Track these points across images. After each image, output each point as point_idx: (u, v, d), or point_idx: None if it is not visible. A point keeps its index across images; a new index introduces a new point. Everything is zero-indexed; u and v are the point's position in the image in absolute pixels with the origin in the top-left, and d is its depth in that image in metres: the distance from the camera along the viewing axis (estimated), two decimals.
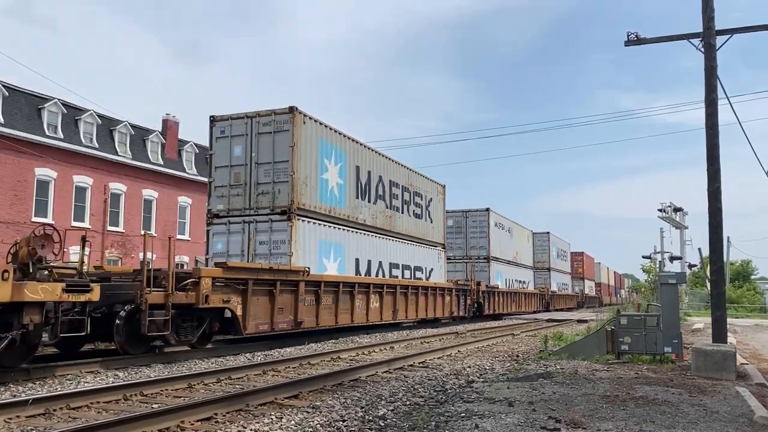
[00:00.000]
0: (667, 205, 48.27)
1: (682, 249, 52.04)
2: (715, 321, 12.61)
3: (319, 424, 6.71)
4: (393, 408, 7.75)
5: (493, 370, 11.70)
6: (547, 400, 8.05)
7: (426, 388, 9.34)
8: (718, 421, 7.01)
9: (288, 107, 17.20)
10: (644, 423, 6.78)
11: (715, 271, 13.26)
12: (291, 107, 17.16)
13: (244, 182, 17.41)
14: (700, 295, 49.29)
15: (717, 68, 12.83)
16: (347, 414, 7.26)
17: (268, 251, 16.84)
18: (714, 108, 12.70)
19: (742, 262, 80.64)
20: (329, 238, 18.72)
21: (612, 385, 9.37)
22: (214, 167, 17.87)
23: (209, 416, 7.04)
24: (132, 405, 7.88)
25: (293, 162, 16.92)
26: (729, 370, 10.51)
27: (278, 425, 6.65)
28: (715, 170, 12.59)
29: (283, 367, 11.53)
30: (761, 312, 52.68)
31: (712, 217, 12.56)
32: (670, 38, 13.90)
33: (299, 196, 17.13)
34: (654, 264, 54.85)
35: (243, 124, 17.57)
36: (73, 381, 9.69)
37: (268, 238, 16.87)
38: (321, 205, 18.34)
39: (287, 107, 17.22)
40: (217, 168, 17.83)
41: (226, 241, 17.26)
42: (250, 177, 17.39)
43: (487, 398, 8.24)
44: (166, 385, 8.97)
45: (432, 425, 6.61)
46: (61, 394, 7.75)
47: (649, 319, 12.51)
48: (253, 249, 16.95)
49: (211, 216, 17.73)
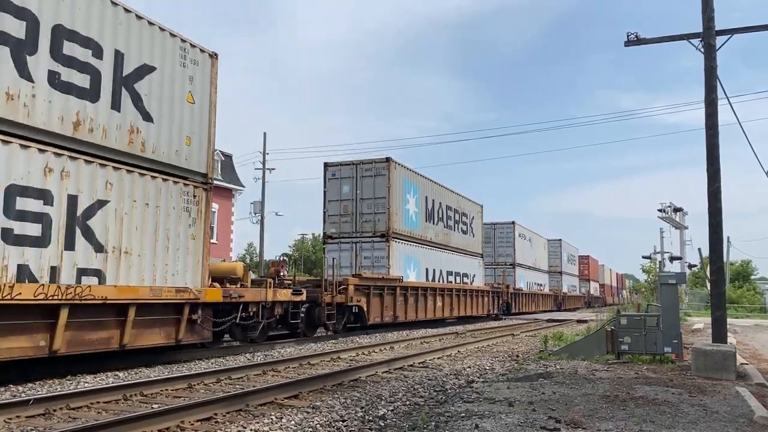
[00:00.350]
0: (666, 205, 48.26)
1: (682, 249, 52.02)
2: (715, 321, 12.61)
3: (319, 424, 6.71)
4: (393, 408, 7.75)
5: (493, 370, 11.70)
6: (547, 400, 8.05)
7: (426, 388, 9.34)
8: (718, 421, 7.01)
9: (385, 158, 22.93)
10: (644, 423, 6.78)
11: (715, 271, 13.26)
12: (387, 158, 22.88)
13: (351, 212, 23.02)
14: (700, 295, 49.27)
15: (717, 68, 12.84)
16: (347, 414, 7.27)
17: (371, 264, 22.44)
18: (714, 108, 12.70)
19: (742, 262, 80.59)
20: (410, 253, 24.26)
21: (612, 385, 9.38)
22: (328, 200, 23.49)
23: (209, 416, 7.04)
24: (132, 405, 7.88)
25: (389, 198, 22.59)
26: (729, 370, 10.51)
27: (278, 425, 6.65)
28: (715, 170, 12.59)
29: (283, 367, 11.54)
30: (761, 312, 52.68)
31: (712, 217, 12.57)
32: (670, 38, 13.90)
33: (393, 223, 22.74)
34: (654, 264, 54.89)
35: (349, 169, 23.27)
36: (72, 381, 9.70)
37: (371, 254, 22.62)
38: (405, 229, 23.95)
39: (384, 158, 22.91)
40: (330, 201, 23.46)
41: (338, 256, 22.19)
42: (356, 209, 23.01)
43: (487, 398, 8.24)
44: (166, 385, 8.97)
45: (432, 425, 6.61)
46: (61, 394, 7.75)
47: (649, 319, 12.50)
48: (360, 263, 22.42)
49: (326, 237, 23.55)
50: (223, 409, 7.31)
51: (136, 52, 11.73)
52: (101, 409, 7.58)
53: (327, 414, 7.26)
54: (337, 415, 7.18)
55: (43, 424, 6.77)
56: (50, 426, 6.67)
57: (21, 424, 6.67)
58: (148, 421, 6.45)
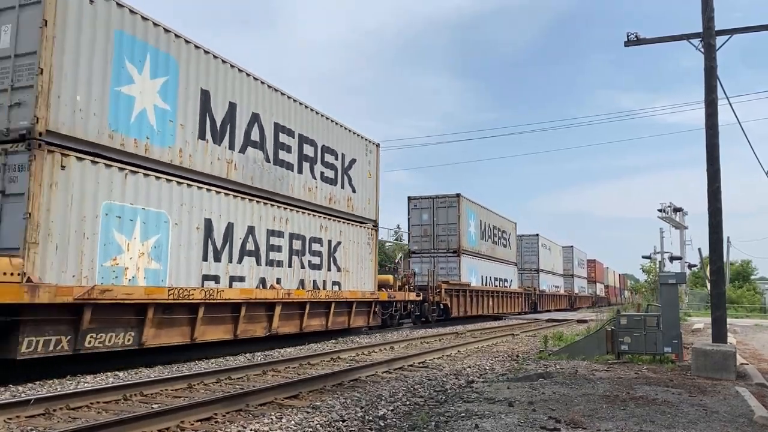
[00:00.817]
0: (666, 205, 48.28)
1: (682, 249, 52.02)
2: (715, 321, 12.61)
3: (319, 424, 6.71)
4: (393, 408, 7.75)
5: (493, 370, 11.70)
6: (546, 400, 8.05)
7: (426, 388, 9.34)
8: (718, 421, 7.01)
9: (455, 194, 30.24)
10: (644, 423, 6.78)
11: (715, 271, 13.25)
12: (457, 194, 30.22)
13: (430, 234, 30.35)
14: (700, 295, 49.27)
15: (717, 68, 12.83)
16: (347, 414, 7.27)
17: (446, 273, 29.30)
18: (714, 108, 12.70)
19: (742, 262, 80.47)
20: (472, 265, 31.34)
21: (612, 385, 9.37)
22: (411, 225, 30.81)
23: (209, 416, 7.04)
24: (132, 405, 7.88)
25: (459, 224, 29.85)
26: (729, 370, 10.51)
27: (278, 425, 6.65)
28: (715, 170, 12.59)
29: (283, 367, 11.53)
30: (761, 312, 52.65)
31: (712, 217, 12.56)
32: (670, 38, 13.90)
33: (462, 242, 29.95)
34: (654, 264, 54.87)
35: (428, 202, 30.51)
36: (72, 381, 9.69)
37: (446, 266, 29.76)
38: (469, 246, 31.06)
39: (455, 194, 30.23)
40: (413, 225, 30.76)
41: (420, 267, 29.02)
42: (434, 231, 30.29)
43: (487, 398, 8.24)
44: (166, 386, 8.97)
45: (432, 425, 6.61)
46: (61, 394, 7.75)
47: (649, 319, 12.50)
48: (437, 272, 28.48)
49: (410, 252, 30.93)
50: (223, 409, 7.31)
51: (349, 152, 19.75)
52: (101, 409, 7.58)
53: (327, 414, 7.26)
54: (337, 415, 7.17)
55: (43, 424, 6.77)
56: (50, 426, 6.66)
57: (21, 424, 6.67)
58: (148, 421, 6.45)
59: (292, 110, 16.63)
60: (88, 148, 10.57)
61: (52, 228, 9.77)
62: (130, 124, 11.42)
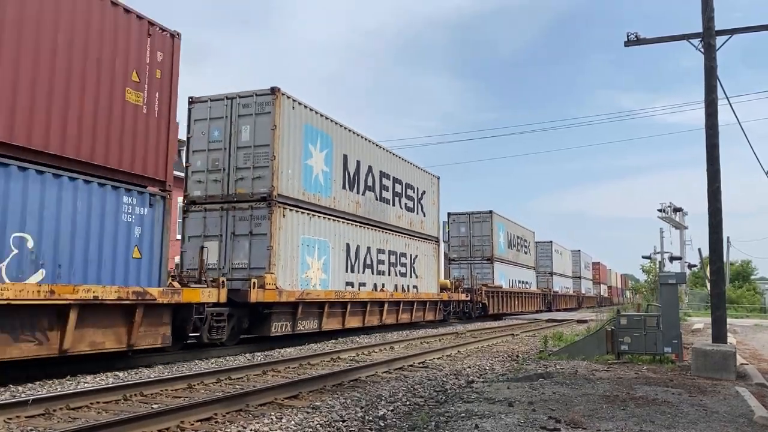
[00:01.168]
0: (666, 205, 48.30)
1: (682, 249, 52.05)
2: (714, 321, 12.61)
3: (319, 424, 6.70)
4: (393, 408, 7.75)
5: (492, 370, 11.70)
6: (546, 400, 8.05)
7: (426, 389, 9.33)
8: (718, 421, 7.01)
9: (488, 211, 35.70)
10: (644, 423, 6.78)
11: (715, 271, 13.25)
12: (490, 211, 35.65)
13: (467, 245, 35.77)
14: (700, 295, 49.27)
15: (717, 68, 12.83)
16: (347, 414, 7.26)
17: (481, 277, 33.50)
18: (714, 108, 12.70)
19: (742, 262, 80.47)
20: (501, 270, 36.25)
21: (612, 385, 9.37)
22: (451, 236, 36.30)
23: (209, 416, 7.03)
24: (132, 405, 7.88)
25: (491, 236, 35.22)
26: (729, 370, 10.51)
27: (278, 425, 6.65)
28: (714, 170, 12.59)
29: (283, 367, 11.53)
30: (761, 312, 52.66)
31: (712, 217, 12.56)
32: (670, 38, 13.90)
33: (495, 251, 35.48)
34: (654, 264, 54.88)
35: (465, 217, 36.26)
36: (72, 381, 9.69)
37: (481, 271, 34.53)
38: (500, 253, 36.35)
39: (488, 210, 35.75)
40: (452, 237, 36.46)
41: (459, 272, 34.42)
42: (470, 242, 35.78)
43: (487, 398, 8.24)
44: (166, 386, 8.97)
45: (432, 425, 6.60)
46: (61, 394, 7.74)
47: (649, 320, 12.50)
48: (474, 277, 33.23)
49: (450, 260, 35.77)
50: (223, 409, 7.30)
51: (421, 186, 25.60)
52: (101, 409, 7.57)
53: (327, 414, 7.25)
54: (337, 415, 7.17)
55: (43, 424, 6.76)
56: (50, 426, 6.66)
57: (21, 424, 6.67)
58: (148, 421, 6.45)
59: (389, 160, 22.60)
60: (293, 203, 16.29)
61: (280, 254, 15.50)
62: (311, 184, 17.24)
